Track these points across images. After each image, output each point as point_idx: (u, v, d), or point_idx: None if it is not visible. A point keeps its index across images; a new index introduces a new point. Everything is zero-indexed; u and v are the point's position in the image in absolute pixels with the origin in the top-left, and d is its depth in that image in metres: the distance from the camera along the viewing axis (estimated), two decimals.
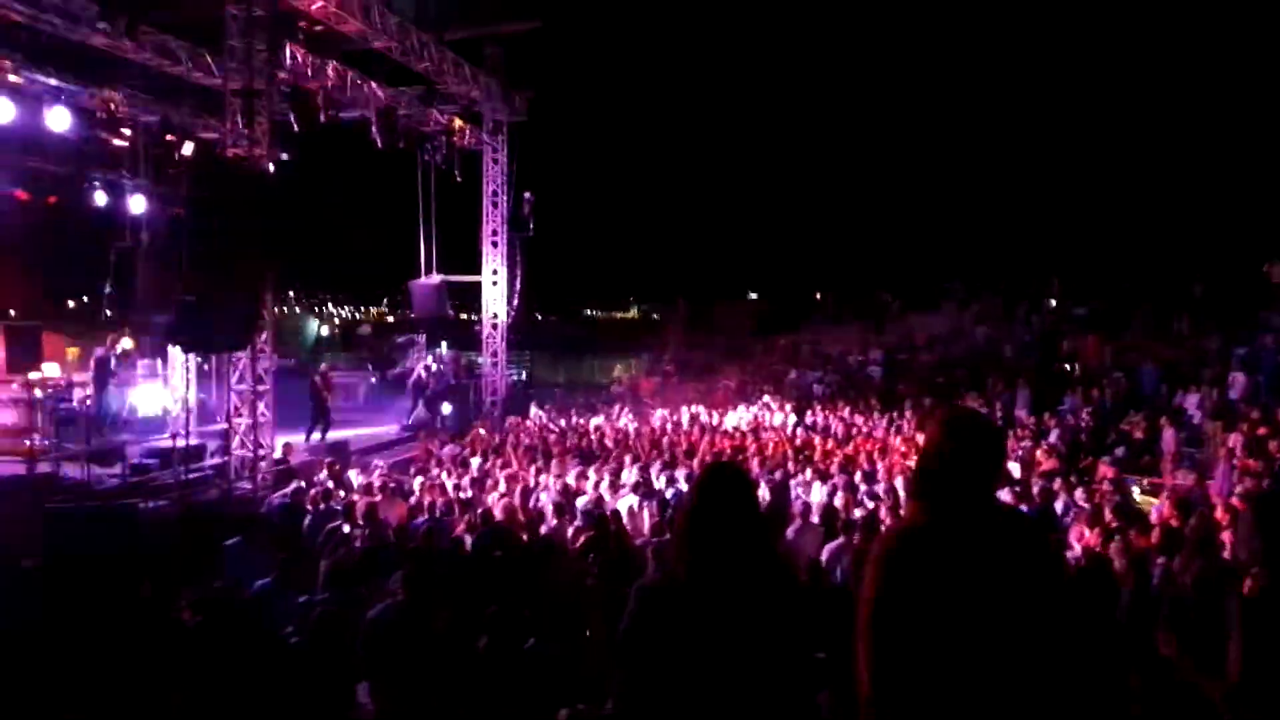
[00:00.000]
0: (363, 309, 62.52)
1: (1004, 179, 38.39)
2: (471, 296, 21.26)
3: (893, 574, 2.39)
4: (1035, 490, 10.75)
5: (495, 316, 20.63)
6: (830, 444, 14.38)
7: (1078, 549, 8.61)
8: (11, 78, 13.91)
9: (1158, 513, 10.01)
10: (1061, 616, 2.47)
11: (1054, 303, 23.45)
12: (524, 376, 24.52)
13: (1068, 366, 19.93)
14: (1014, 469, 12.58)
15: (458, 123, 18.44)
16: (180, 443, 11.98)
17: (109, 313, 17.91)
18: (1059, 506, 10.37)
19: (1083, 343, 20.37)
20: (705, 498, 2.63)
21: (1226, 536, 7.86)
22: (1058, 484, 10.96)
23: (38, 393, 12.52)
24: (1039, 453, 13.50)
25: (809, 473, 11.80)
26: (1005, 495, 10.55)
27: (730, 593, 2.54)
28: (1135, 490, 12.81)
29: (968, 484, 2.46)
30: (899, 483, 10.92)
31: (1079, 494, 10.49)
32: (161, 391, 15.81)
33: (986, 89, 38.36)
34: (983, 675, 2.32)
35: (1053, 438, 14.70)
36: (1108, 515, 9.72)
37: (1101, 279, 23.50)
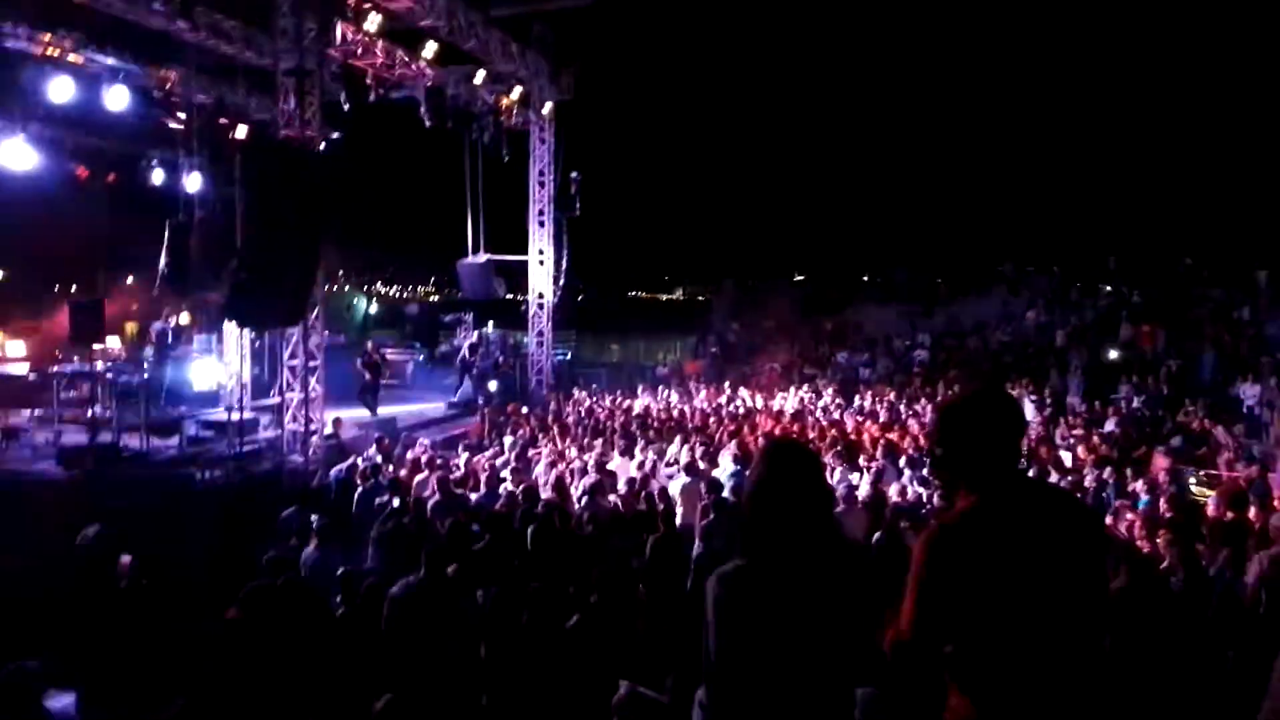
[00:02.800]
0: (411, 288, 63.15)
1: (1059, 158, 37.53)
2: (518, 276, 21.37)
3: (946, 560, 2.41)
4: (1088, 480, 10.56)
5: (541, 296, 20.72)
6: (876, 428, 14.25)
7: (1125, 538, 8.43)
8: (72, 57, 14.23)
9: (1212, 505, 9.76)
10: (1103, 591, 2.51)
11: (1109, 288, 22.90)
12: (569, 356, 24.61)
13: (1121, 353, 19.48)
14: (1066, 458, 12.36)
15: (505, 102, 18.46)
16: (235, 416, 12.24)
17: (165, 289, 18.32)
18: (1111, 496, 10.17)
19: (1138, 329, 19.90)
20: (775, 475, 2.63)
21: None
22: (1109, 473, 10.74)
23: (99, 365, 12.86)
24: (1092, 441, 13.23)
25: (856, 457, 11.71)
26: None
27: (809, 571, 2.55)
28: (1191, 481, 12.50)
29: (1001, 462, 2.48)
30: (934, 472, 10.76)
31: (1134, 484, 10.27)
32: (217, 366, 16.15)
33: (1040, 65, 37.48)
34: (1032, 647, 2.34)
35: (1109, 426, 14.40)
36: (1163, 506, 9.52)
37: (1159, 263, 22.89)
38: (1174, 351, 18.66)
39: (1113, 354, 19.43)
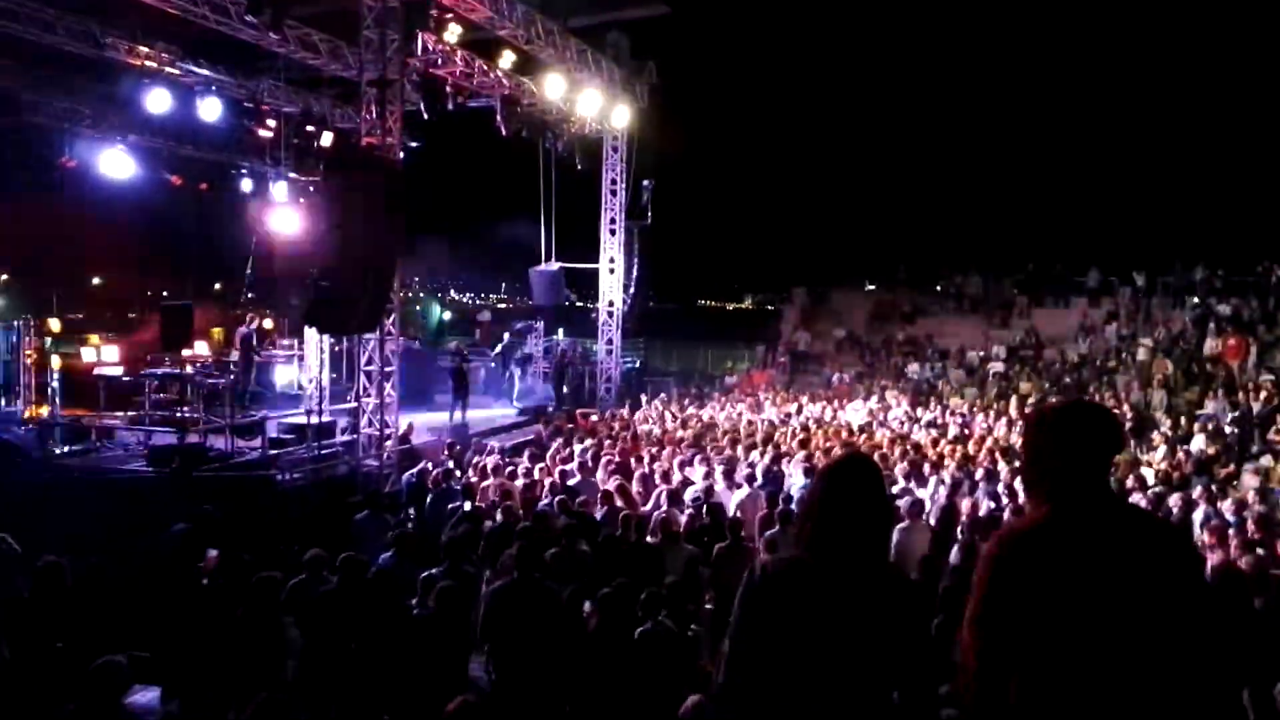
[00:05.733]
0: (483, 295, 63.95)
1: (1143, 165, 36.35)
2: (590, 284, 21.53)
3: (1009, 572, 2.31)
4: (1173, 499, 10.21)
5: (611, 304, 20.84)
6: (948, 442, 13.98)
7: (1213, 560, 8.13)
8: (168, 69, 14.85)
9: None
10: (1198, 624, 2.29)
11: (1195, 299, 22.06)
12: (638, 365, 24.66)
13: (1209, 367, 18.77)
14: (1148, 475, 11.97)
15: (579, 111, 18.61)
16: (314, 419, 12.56)
17: (250, 295, 18.93)
18: (1198, 516, 9.82)
19: (1225, 342, 19.16)
20: (836, 486, 2.65)
21: None
22: (1198, 492, 10.37)
23: (188, 368, 13.34)
24: (1177, 458, 12.79)
25: (926, 470, 11.52)
26: (1141, 503, 10.06)
27: (848, 580, 2.55)
28: None
29: (1085, 476, 2.37)
30: (1019, 483, 10.53)
31: (1223, 504, 9.90)
32: (298, 369, 16.61)
33: (1128, 71, 36.41)
34: (1106, 678, 2.22)
35: (1196, 443, 13.90)
36: (1251, 527, 9.16)
37: (1248, 273, 21.98)
38: (1263, 366, 17.96)
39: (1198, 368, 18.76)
